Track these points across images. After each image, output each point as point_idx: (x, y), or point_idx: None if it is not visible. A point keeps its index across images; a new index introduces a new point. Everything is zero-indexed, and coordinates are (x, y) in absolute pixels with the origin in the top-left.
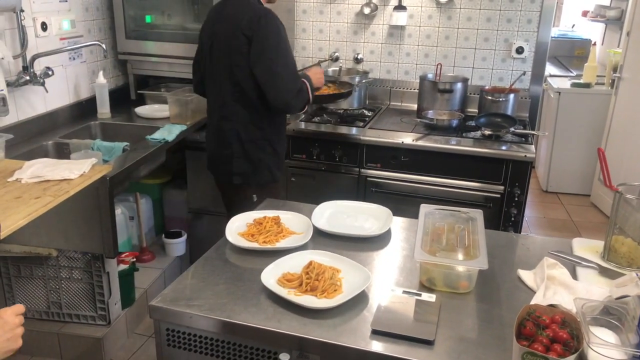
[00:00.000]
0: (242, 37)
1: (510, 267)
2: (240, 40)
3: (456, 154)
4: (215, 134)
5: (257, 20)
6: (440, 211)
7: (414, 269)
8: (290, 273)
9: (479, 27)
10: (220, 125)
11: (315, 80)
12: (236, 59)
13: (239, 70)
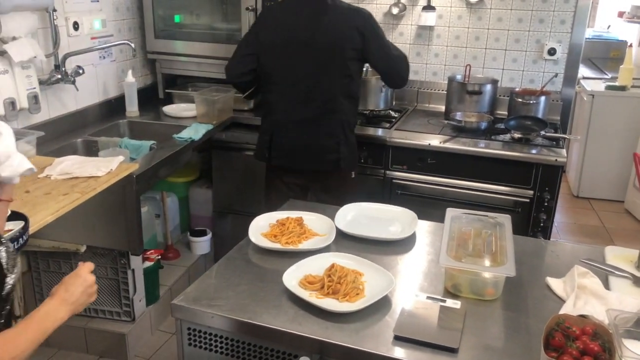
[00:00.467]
0: (357, 35)
1: (538, 275)
2: (355, 38)
3: (484, 157)
4: (316, 127)
5: (368, 17)
6: (467, 215)
7: (439, 274)
8: (312, 275)
9: (510, 28)
10: (325, 119)
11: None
12: (351, 55)
13: (353, 64)
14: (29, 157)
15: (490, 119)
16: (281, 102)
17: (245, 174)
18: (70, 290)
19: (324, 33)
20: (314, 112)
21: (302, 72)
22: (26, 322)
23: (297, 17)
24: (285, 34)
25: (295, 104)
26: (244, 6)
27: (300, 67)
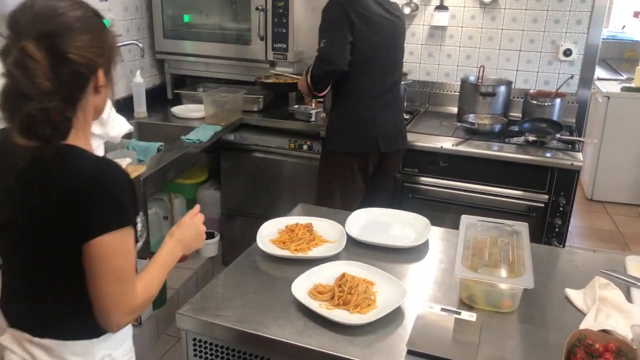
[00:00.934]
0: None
1: (557, 286)
2: (404, 25)
3: (498, 160)
4: (396, 112)
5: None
6: (482, 223)
7: (453, 284)
8: (322, 285)
9: (525, 28)
10: (397, 103)
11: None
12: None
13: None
14: None
15: (504, 122)
16: (374, 90)
17: (254, 176)
18: (185, 233)
19: (393, 20)
20: (394, 95)
21: (383, 61)
22: (155, 264)
23: (380, 7)
24: (376, 24)
25: (386, 92)
26: (254, 6)
27: (386, 54)
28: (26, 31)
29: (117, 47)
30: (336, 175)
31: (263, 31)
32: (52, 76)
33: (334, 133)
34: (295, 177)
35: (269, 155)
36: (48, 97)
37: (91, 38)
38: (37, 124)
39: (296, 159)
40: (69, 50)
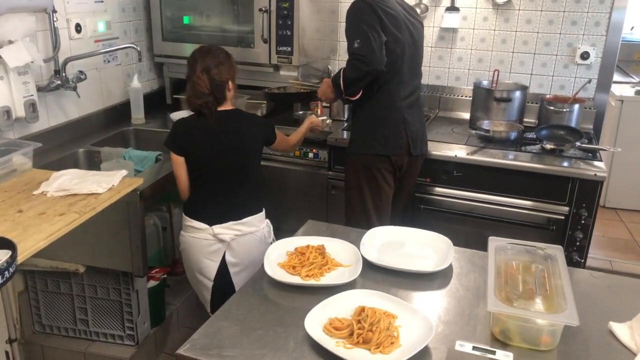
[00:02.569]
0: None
1: (598, 318)
2: (424, 30)
3: (516, 170)
4: (420, 114)
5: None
6: (512, 246)
7: (483, 315)
8: (338, 319)
9: (540, 30)
10: (421, 106)
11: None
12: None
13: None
14: (25, 170)
15: (520, 129)
16: (403, 91)
17: None
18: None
19: (419, 26)
20: (419, 98)
21: (414, 61)
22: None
23: (402, 8)
24: (402, 24)
25: (411, 93)
26: (257, 7)
27: (415, 54)
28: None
29: (237, 67)
30: (367, 178)
31: (267, 33)
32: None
33: (363, 135)
34: (301, 187)
35: (273, 164)
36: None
37: (226, 66)
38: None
39: (302, 167)
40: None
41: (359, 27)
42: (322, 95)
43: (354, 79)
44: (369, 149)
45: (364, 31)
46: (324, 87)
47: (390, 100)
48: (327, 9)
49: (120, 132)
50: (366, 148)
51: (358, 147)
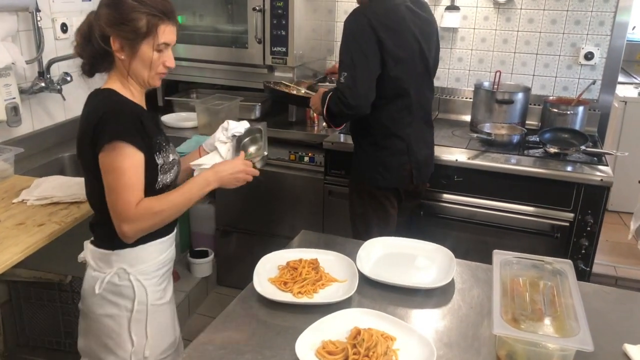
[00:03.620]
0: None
1: (611, 338)
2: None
3: (519, 175)
4: (429, 135)
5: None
6: (518, 260)
7: (488, 336)
8: (332, 342)
9: (542, 30)
10: (430, 121)
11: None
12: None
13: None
14: (6, 177)
15: (523, 132)
16: (408, 116)
17: (251, 189)
18: (226, 168)
19: (432, 42)
20: (427, 115)
21: (424, 84)
22: (178, 188)
23: (411, 13)
24: (408, 36)
25: (419, 117)
26: (251, 6)
27: (424, 71)
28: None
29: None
30: (373, 206)
31: (261, 33)
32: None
33: (364, 165)
34: (296, 191)
35: (267, 168)
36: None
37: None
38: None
39: (297, 171)
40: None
41: (350, 55)
42: (313, 105)
43: (336, 114)
44: (373, 180)
45: (353, 64)
46: (315, 98)
47: (394, 128)
48: (324, 9)
49: None
50: (369, 180)
51: (358, 176)
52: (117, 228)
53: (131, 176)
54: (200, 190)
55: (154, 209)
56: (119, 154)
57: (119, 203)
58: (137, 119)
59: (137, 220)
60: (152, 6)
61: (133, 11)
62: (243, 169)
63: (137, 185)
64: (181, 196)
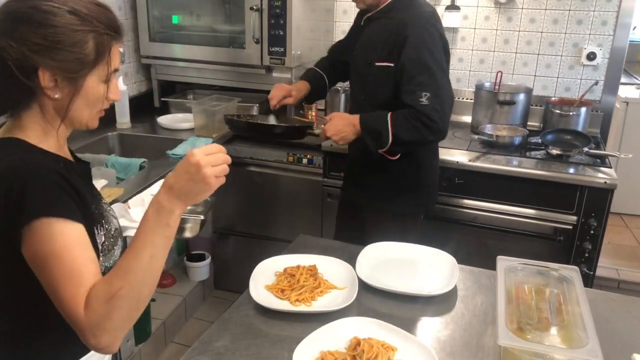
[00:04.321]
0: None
1: (620, 347)
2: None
3: (521, 177)
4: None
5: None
6: (523, 267)
7: (492, 346)
8: (331, 352)
9: (544, 30)
10: None
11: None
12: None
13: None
14: None
15: (524, 133)
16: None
17: (249, 192)
18: (180, 177)
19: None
20: None
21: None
22: (127, 251)
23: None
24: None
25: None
26: (248, 6)
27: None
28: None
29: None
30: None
31: (258, 33)
32: None
33: (406, 189)
34: (294, 193)
35: (265, 170)
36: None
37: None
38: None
39: (295, 173)
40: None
41: (430, 73)
42: (336, 134)
43: (411, 142)
44: (417, 207)
45: (436, 82)
46: (340, 125)
47: (436, 151)
48: (322, 8)
49: (105, 138)
50: (412, 207)
51: (385, 204)
52: (84, 342)
53: (73, 258)
54: (158, 226)
55: (110, 292)
56: (47, 234)
57: (65, 306)
58: (67, 183)
59: (101, 319)
60: (98, 21)
61: (74, 31)
62: (203, 160)
63: (84, 270)
64: (138, 251)
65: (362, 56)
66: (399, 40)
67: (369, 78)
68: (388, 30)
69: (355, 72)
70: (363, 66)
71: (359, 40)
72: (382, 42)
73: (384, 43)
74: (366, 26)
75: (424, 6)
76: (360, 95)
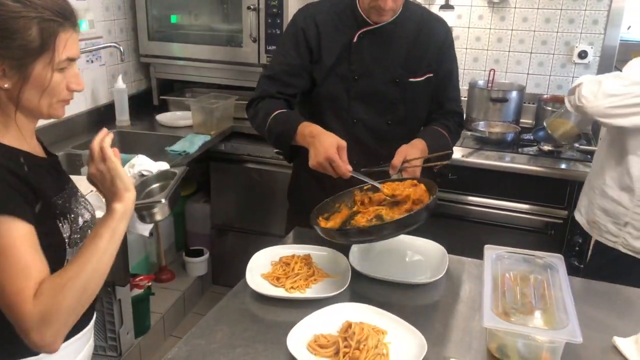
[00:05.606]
0: None
1: (601, 332)
2: None
3: (513, 172)
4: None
5: None
6: (510, 255)
7: (479, 330)
8: (323, 336)
9: (536, 29)
10: None
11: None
12: None
13: None
14: None
15: (517, 130)
16: None
17: (247, 188)
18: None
19: None
20: None
21: None
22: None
23: None
24: None
25: None
26: (245, 5)
27: None
28: None
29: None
30: None
31: (255, 32)
32: None
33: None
34: None
35: (263, 166)
36: None
37: None
38: None
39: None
40: None
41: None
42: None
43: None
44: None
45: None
46: (419, 146)
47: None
48: None
49: None
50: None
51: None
52: (26, 339)
53: (19, 257)
54: (105, 219)
55: (60, 283)
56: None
57: (10, 301)
58: (17, 179)
59: (48, 312)
60: (44, 7)
61: (16, 17)
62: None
63: (32, 266)
64: (87, 245)
65: (380, 74)
66: (437, 45)
67: (398, 97)
68: (412, 39)
69: (362, 96)
70: (384, 86)
71: (360, 57)
72: (415, 55)
73: (418, 55)
74: (365, 40)
75: (419, 5)
76: (380, 121)
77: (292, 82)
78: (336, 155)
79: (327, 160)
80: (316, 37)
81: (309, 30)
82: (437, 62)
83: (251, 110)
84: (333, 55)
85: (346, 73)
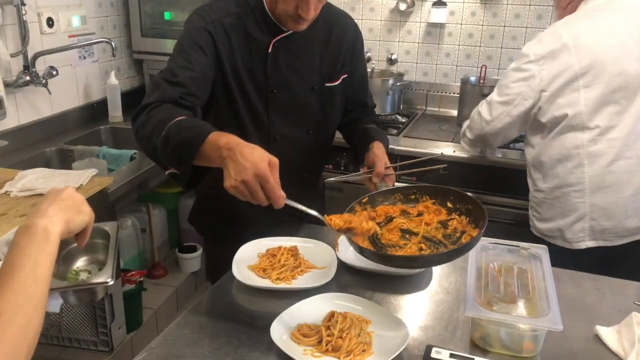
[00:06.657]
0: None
1: (584, 321)
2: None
3: (505, 167)
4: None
5: None
6: (494, 245)
7: (463, 320)
8: (307, 325)
9: (529, 25)
10: None
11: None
12: None
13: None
14: None
15: None
16: None
17: None
18: (47, 202)
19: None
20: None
21: None
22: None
23: None
24: None
25: None
26: None
27: None
28: None
29: None
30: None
31: None
32: None
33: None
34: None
35: None
36: None
37: None
38: None
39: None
40: None
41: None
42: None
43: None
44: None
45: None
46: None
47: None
48: None
49: (97, 131)
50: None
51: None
52: None
53: None
54: (37, 244)
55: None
56: None
57: None
58: None
59: None
60: None
61: None
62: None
63: None
64: (13, 275)
65: (298, 84)
66: (350, 44)
67: (316, 105)
68: (324, 41)
69: (283, 110)
70: (304, 96)
71: (277, 69)
72: (328, 57)
73: (331, 57)
74: (280, 49)
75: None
76: (301, 132)
77: (200, 92)
78: (269, 173)
79: (256, 178)
80: (226, 44)
81: (217, 34)
82: (350, 61)
83: (142, 117)
84: (247, 64)
85: (262, 86)
